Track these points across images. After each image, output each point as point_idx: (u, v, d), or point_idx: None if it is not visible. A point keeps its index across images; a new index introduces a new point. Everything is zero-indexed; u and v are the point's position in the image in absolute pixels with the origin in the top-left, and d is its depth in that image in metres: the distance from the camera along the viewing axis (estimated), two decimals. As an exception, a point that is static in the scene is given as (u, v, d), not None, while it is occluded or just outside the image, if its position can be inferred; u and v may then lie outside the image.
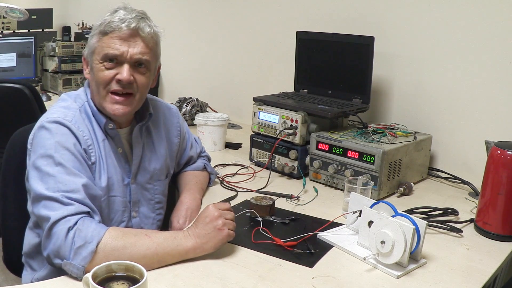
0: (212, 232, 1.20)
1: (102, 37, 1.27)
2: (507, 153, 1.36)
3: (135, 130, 1.38)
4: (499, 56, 1.70)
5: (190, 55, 2.96)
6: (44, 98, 2.93)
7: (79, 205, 1.15)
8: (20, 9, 2.82)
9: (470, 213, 1.55)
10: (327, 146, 1.73)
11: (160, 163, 1.46)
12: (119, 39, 1.25)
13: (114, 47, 1.25)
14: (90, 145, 1.28)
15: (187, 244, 1.18)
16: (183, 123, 1.61)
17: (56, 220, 1.11)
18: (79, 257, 1.09)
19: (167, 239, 1.18)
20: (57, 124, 1.23)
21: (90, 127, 1.31)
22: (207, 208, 1.25)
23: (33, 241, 1.36)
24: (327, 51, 2.01)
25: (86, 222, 1.13)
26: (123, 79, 1.26)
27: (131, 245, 1.13)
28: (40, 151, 1.21)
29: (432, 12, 1.85)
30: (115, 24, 1.25)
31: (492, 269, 1.24)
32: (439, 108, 1.89)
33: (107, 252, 1.11)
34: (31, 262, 1.38)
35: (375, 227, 1.22)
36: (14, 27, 3.65)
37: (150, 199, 1.45)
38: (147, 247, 1.14)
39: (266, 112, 1.89)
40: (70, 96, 1.35)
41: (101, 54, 1.26)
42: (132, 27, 1.25)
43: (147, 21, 1.29)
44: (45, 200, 1.15)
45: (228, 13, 2.67)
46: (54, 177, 1.17)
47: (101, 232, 1.12)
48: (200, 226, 1.21)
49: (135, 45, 1.27)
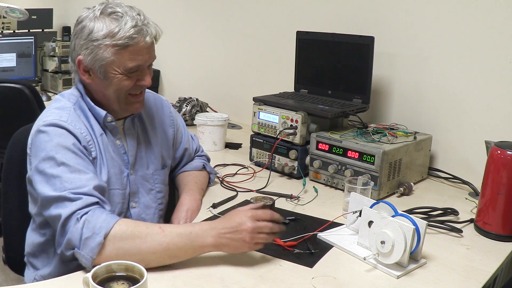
0: (237, 241, 1.16)
1: (120, 50, 1.24)
2: (507, 153, 1.36)
3: (127, 122, 1.40)
4: (499, 56, 1.70)
5: (190, 55, 2.96)
6: (44, 98, 2.93)
7: (87, 197, 1.15)
8: (20, 9, 2.82)
9: (470, 213, 1.55)
10: (327, 146, 1.73)
11: (155, 153, 1.47)
12: (143, 49, 1.27)
13: (139, 58, 1.27)
14: (89, 141, 1.28)
15: (206, 240, 1.15)
16: (176, 114, 1.60)
17: (67, 217, 1.12)
18: (87, 248, 1.09)
19: (182, 235, 1.14)
20: (54, 127, 1.23)
21: (87, 122, 1.31)
22: (244, 214, 1.18)
23: (36, 241, 1.36)
24: (327, 51, 2.01)
25: (96, 213, 1.13)
26: (148, 85, 1.32)
27: (141, 239, 1.12)
28: (41, 154, 1.20)
29: (432, 12, 1.85)
30: (134, 38, 1.24)
31: (492, 269, 1.24)
32: (439, 108, 1.89)
33: (116, 244, 1.11)
34: (34, 261, 1.39)
35: (375, 227, 1.22)
36: (14, 27, 3.65)
37: (150, 189, 1.45)
38: (159, 242, 1.12)
39: (266, 112, 1.89)
40: (63, 96, 1.35)
41: (123, 67, 1.26)
42: (153, 36, 1.28)
43: (152, 22, 1.30)
44: (54, 201, 1.15)
45: (228, 13, 2.67)
46: (59, 177, 1.17)
47: (110, 223, 1.12)
48: (227, 227, 1.16)
49: (152, 50, 1.31)
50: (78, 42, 1.28)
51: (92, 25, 1.25)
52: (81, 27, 1.27)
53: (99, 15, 1.25)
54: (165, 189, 1.51)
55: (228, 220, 1.18)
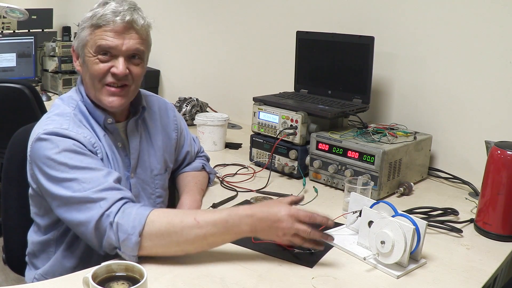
0: (271, 233, 1.16)
1: (94, 30, 1.25)
2: (507, 153, 1.36)
3: (130, 124, 1.38)
4: (499, 56, 1.70)
5: (190, 55, 2.96)
6: (44, 98, 2.93)
7: (110, 194, 1.15)
8: (20, 9, 2.82)
9: (470, 213, 1.55)
10: (327, 146, 1.73)
11: (158, 157, 1.46)
12: (113, 32, 1.25)
13: (108, 39, 1.25)
14: (94, 143, 1.27)
15: (241, 228, 1.15)
16: (180, 118, 1.60)
17: (98, 221, 1.12)
18: (127, 249, 1.12)
19: (218, 225, 1.14)
20: (55, 136, 1.21)
21: (89, 126, 1.30)
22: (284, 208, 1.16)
23: (37, 240, 1.36)
24: (327, 51, 2.01)
25: (126, 213, 1.13)
26: (119, 73, 1.26)
27: (176, 233, 1.13)
28: (48, 162, 1.18)
29: (432, 12, 1.85)
30: (108, 17, 1.23)
31: (492, 269, 1.24)
32: (439, 108, 1.89)
33: (154, 241, 1.13)
34: (34, 261, 1.39)
35: (375, 227, 1.22)
36: (14, 27, 3.65)
37: (151, 193, 1.44)
38: (196, 234, 1.13)
39: (266, 112, 1.89)
40: (63, 100, 1.34)
41: (94, 47, 1.25)
42: (126, 20, 1.25)
43: (139, 12, 1.29)
44: (76, 203, 1.14)
45: (228, 13, 2.67)
46: (76, 179, 1.16)
47: (142, 220, 1.12)
48: (264, 216, 1.15)
49: (130, 37, 1.27)
50: None
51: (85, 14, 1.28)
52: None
53: (95, 6, 1.28)
54: (164, 194, 1.51)
55: (268, 210, 1.16)
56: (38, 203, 1.32)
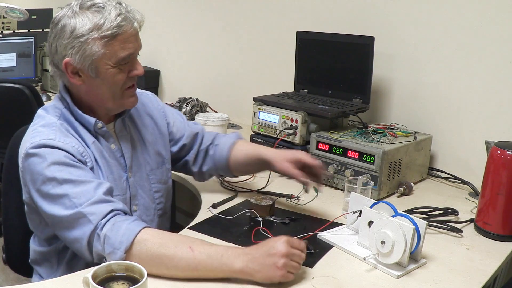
0: (269, 266, 1.08)
1: (109, 41, 1.18)
2: (507, 153, 1.36)
3: (118, 124, 1.35)
4: (499, 56, 1.70)
5: (190, 55, 2.96)
6: (44, 98, 2.93)
7: (100, 208, 1.13)
8: (20, 9, 2.82)
9: (470, 213, 1.55)
10: (327, 146, 1.73)
11: (150, 152, 1.43)
12: (130, 37, 1.22)
13: (130, 48, 1.22)
14: (82, 152, 1.23)
15: (235, 265, 1.09)
16: (164, 105, 1.55)
17: (89, 236, 1.11)
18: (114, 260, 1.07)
19: (212, 257, 1.09)
20: (43, 148, 1.18)
21: (76, 134, 1.26)
22: (279, 239, 1.11)
23: (38, 250, 1.35)
24: (327, 51, 2.01)
25: (116, 226, 1.11)
26: (141, 73, 1.27)
27: (168, 258, 1.09)
28: (39, 178, 1.16)
29: (432, 12, 1.85)
30: (123, 25, 1.19)
31: (492, 269, 1.24)
32: (439, 108, 1.89)
33: (143, 260, 1.08)
34: (38, 268, 1.38)
35: (375, 227, 1.22)
36: (14, 27, 3.65)
37: (148, 190, 1.42)
38: (187, 263, 1.09)
39: (266, 112, 1.89)
40: (46, 111, 1.29)
41: (115, 59, 1.21)
42: (137, 25, 1.23)
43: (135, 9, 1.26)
44: (69, 221, 1.13)
45: (228, 13, 2.67)
46: (66, 195, 1.13)
47: (130, 237, 1.09)
48: (260, 252, 1.10)
49: (139, 38, 1.26)
50: (60, 43, 1.20)
51: (73, 21, 1.18)
52: (61, 27, 1.19)
53: (78, 11, 1.18)
54: (163, 188, 1.47)
55: (262, 244, 1.13)
56: (36, 220, 1.31)
